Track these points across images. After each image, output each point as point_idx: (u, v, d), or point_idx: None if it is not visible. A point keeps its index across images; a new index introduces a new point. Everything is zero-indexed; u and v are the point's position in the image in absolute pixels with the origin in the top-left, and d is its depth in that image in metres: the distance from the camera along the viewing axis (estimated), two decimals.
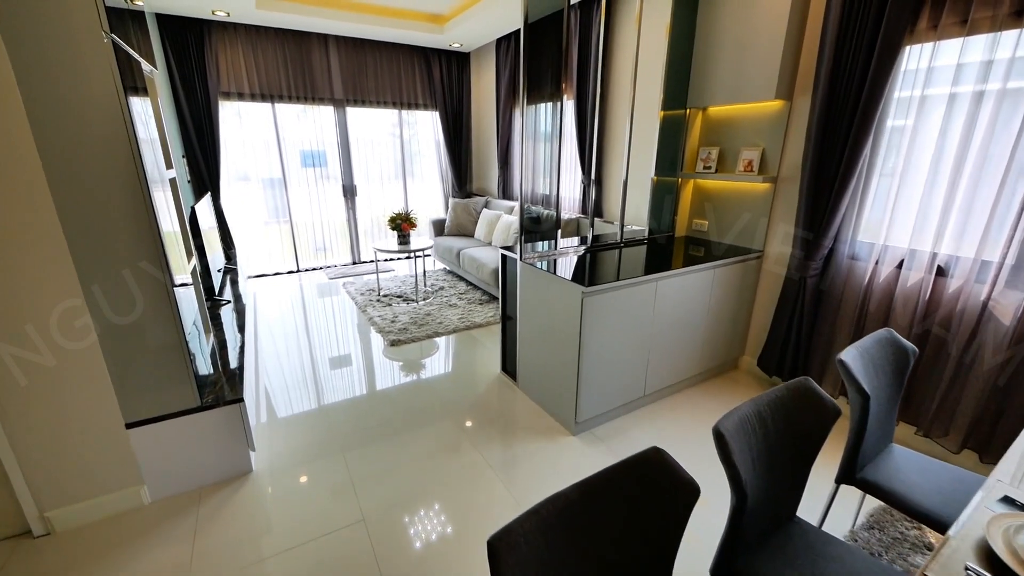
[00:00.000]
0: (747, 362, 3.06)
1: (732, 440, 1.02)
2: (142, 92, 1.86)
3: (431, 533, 1.79)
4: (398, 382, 2.94)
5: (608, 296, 2.19)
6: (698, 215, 3.22)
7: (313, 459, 2.20)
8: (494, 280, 4.05)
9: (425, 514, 1.88)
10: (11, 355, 1.54)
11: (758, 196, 2.81)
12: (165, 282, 1.72)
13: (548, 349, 2.44)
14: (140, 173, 1.58)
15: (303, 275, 5.37)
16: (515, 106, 5.05)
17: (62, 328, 1.58)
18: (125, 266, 1.64)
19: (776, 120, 2.64)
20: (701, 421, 2.52)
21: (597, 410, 2.40)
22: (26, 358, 1.56)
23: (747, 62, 2.57)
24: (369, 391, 2.83)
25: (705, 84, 2.84)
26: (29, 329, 1.54)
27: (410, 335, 3.56)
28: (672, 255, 2.76)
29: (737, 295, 2.83)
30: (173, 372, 1.83)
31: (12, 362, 1.55)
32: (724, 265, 2.66)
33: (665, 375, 2.65)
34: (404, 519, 1.85)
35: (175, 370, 1.83)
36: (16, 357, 1.55)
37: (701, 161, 3.03)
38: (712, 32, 2.75)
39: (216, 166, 4.63)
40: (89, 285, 1.60)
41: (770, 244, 2.80)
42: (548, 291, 2.36)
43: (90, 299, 1.60)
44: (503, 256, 2.78)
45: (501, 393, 2.81)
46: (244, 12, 4.15)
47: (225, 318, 2.98)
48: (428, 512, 1.89)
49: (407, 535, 1.78)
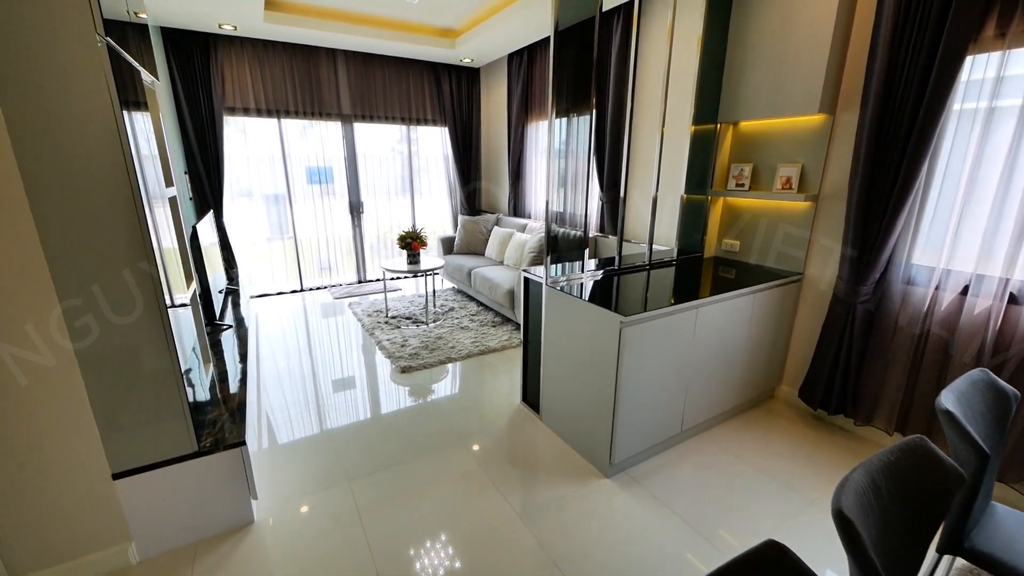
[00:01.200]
0: (785, 392, 2.85)
1: (860, 524, 0.82)
2: (142, 103, 1.69)
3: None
4: (409, 414, 2.72)
5: (648, 326, 2.00)
6: (728, 234, 3.05)
7: (320, 503, 1.98)
8: (508, 301, 3.86)
9: (446, 572, 1.65)
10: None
11: (797, 215, 2.64)
12: (160, 308, 1.52)
13: (577, 382, 2.24)
14: (136, 191, 1.40)
15: (307, 294, 5.18)
16: (528, 121, 4.92)
17: (39, 351, 1.38)
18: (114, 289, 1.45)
19: (817, 135, 2.48)
20: (743, 459, 2.30)
21: (633, 449, 2.18)
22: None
23: (786, 75, 2.43)
24: (378, 423, 2.62)
25: (738, 98, 2.70)
26: None
27: (421, 361, 3.35)
28: (706, 278, 2.58)
29: (776, 321, 2.64)
30: (167, 411, 1.63)
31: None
32: (765, 289, 2.48)
33: (703, 409, 2.44)
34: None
35: (170, 409, 1.63)
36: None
37: (733, 178, 2.87)
38: (746, 45, 2.61)
39: (219, 183, 4.48)
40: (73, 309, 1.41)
41: (811, 266, 2.62)
42: (579, 319, 2.17)
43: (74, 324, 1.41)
44: (526, 279, 2.59)
45: (523, 427, 2.59)
46: (252, 26, 4.04)
47: (226, 345, 2.78)
48: (449, 569, 1.66)
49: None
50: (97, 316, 1.43)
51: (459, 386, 3.06)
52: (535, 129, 4.85)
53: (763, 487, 2.11)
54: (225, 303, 3.62)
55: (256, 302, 4.87)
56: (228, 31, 4.15)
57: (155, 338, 1.52)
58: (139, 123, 1.62)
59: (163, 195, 1.80)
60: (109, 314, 1.44)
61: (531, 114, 4.85)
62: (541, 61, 4.55)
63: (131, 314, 1.47)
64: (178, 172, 3.79)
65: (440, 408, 2.79)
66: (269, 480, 2.16)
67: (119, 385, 1.52)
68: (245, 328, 3.09)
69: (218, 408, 1.99)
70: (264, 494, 2.05)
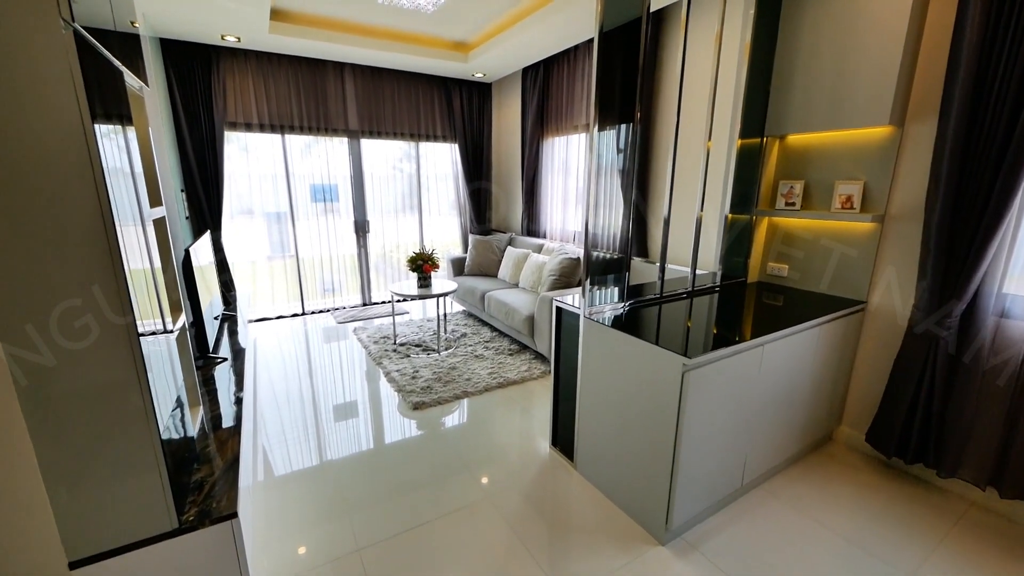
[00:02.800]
0: (845, 434, 2.54)
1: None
2: (124, 110, 1.43)
3: None
4: (423, 460, 2.41)
5: (712, 368, 1.71)
6: (775, 258, 2.78)
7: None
8: (527, 328, 3.57)
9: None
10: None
11: (859, 237, 2.37)
12: (132, 349, 1.23)
13: (623, 429, 1.94)
14: (105, 209, 1.13)
15: (309, 318, 4.89)
16: (543, 137, 4.71)
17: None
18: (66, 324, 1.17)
19: (882, 149, 2.24)
20: (813, 518, 1.99)
21: (692, 510, 1.87)
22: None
23: (849, 83, 2.19)
24: (388, 473, 2.30)
25: (788, 109, 2.46)
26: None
27: (435, 396, 3.04)
28: (760, 308, 2.30)
29: (838, 355, 2.35)
30: (140, 477, 1.32)
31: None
32: (830, 320, 2.19)
33: (764, 458, 2.13)
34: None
35: (143, 474, 1.32)
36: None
37: (782, 197, 2.61)
38: (798, 50, 2.38)
39: (218, 201, 4.23)
40: (15, 352, 1.12)
41: (876, 294, 2.35)
42: (626, 357, 1.88)
43: (16, 367, 1.12)
44: (558, 308, 2.31)
45: (555, 477, 2.28)
46: (256, 38, 3.85)
47: (220, 380, 2.48)
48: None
49: None
50: (51, 353, 1.14)
51: (478, 426, 2.75)
52: (551, 145, 4.64)
53: (844, 555, 1.79)
54: (221, 331, 3.33)
55: (255, 326, 4.58)
56: (231, 43, 3.95)
57: (124, 382, 1.23)
58: (119, 132, 1.36)
59: (145, 216, 1.53)
60: (60, 355, 1.15)
61: (547, 130, 4.63)
62: (558, 75, 4.35)
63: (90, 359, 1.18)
64: (173, 190, 3.54)
65: (459, 453, 2.47)
66: (264, 552, 1.84)
67: (78, 443, 1.22)
68: (242, 361, 2.79)
69: (207, 466, 1.68)
70: (260, 572, 1.73)
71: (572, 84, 4.18)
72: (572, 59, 4.14)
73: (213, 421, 2.05)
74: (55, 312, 1.13)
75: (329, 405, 3.01)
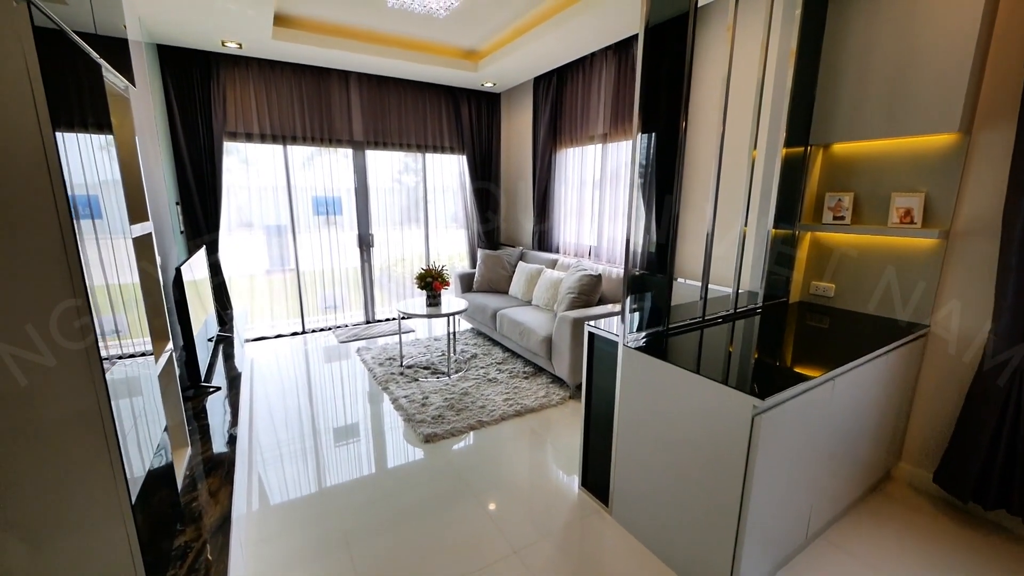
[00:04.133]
0: (906, 472, 2.30)
1: None
2: (99, 110, 1.22)
3: None
4: (439, 502, 2.15)
5: (784, 409, 1.47)
6: (819, 276, 2.56)
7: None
8: (544, 350, 3.33)
9: None
10: None
11: (919, 254, 2.16)
12: (94, 381, 1.00)
13: (674, 474, 1.70)
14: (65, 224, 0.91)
15: (309, 337, 4.64)
16: (556, 148, 4.52)
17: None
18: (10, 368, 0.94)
19: (946, 158, 2.03)
20: (880, 571, 1.74)
21: (758, 571, 1.62)
22: None
23: (910, 89, 2.00)
24: (396, 512, 2.05)
25: (836, 116, 2.27)
26: None
27: (448, 426, 2.79)
28: (814, 333, 2.07)
29: (900, 385, 2.12)
30: (104, 554, 1.07)
31: None
32: (896, 348, 1.97)
33: (828, 507, 1.89)
34: None
35: (107, 550, 1.07)
36: None
37: (829, 210, 2.40)
38: (849, 56, 2.20)
39: (216, 215, 4.02)
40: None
41: (940, 317, 2.12)
42: (680, 394, 1.64)
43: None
44: (591, 334, 2.08)
45: (588, 524, 2.02)
46: (258, 44, 3.67)
47: (213, 414, 2.24)
48: None
49: None
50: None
51: (497, 461, 2.50)
52: (564, 156, 4.45)
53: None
54: (215, 354, 3.09)
55: (253, 346, 4.32)
56: (232, 49, 3.77)
57: (81, 418, 1.00)
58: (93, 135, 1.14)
59: (126, 232, 1.30)
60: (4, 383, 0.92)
61: (561, 141, 4.45)
62: (572, 84, 4.18)
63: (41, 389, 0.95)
64: (168, 203, 3.32)
65: (476, 492, 2.22)
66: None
67: (23, 492, 0.98)
68: (238, 389, 2.55)
69: (193, 527, 1.43)
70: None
71: (588, 93, 4.01)
72: (588, 67, 3.97)
73: (204, 463, 1.80)
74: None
75: (331, 438, 2.75)
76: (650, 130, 1.75)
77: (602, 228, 4.02)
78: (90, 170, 1.07)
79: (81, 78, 1.10)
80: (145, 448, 1.23)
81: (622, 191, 3.78)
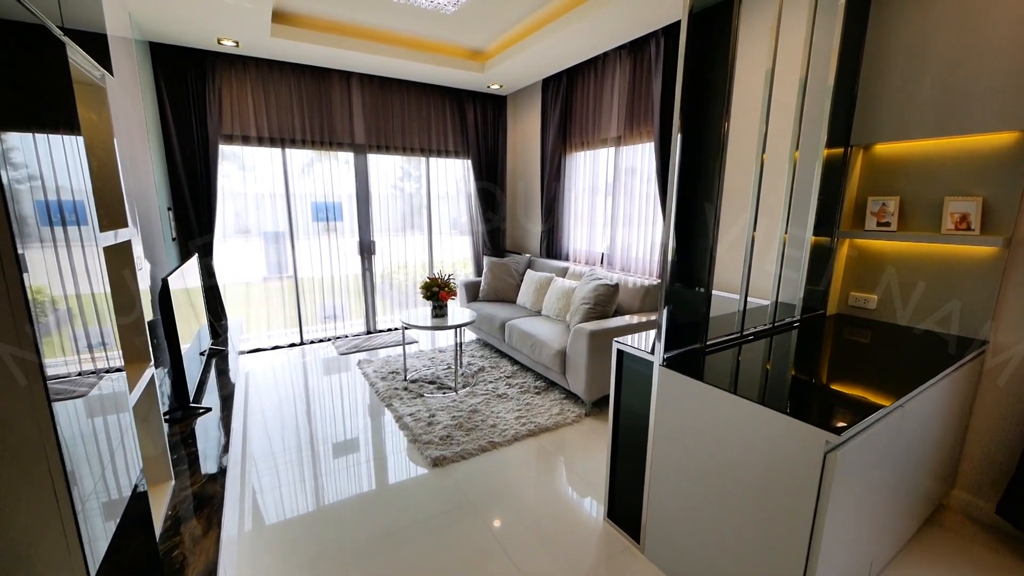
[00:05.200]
0: (961, 500, 2.11)
1: None
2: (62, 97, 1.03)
3: None
4: (450, 536, 1.94)
5: (858, 442, 1.28)
6: (856, 286, 2.38)
7: None
8: (558, 364, 3.14)
9: None
10: None
11: (975, 264, 1.98)
12: (44, 445, 0.81)
13: (722, 513, 1.50)
14: None
15: (308, 348, 4.44)
16: (566, 152, 4.36)
17: None
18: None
19: (1005, 159, 1.86)
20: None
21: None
22: None
23: (969, 85, 1.83)
24: (401, 544, 1.84)
25: (880, 114, 2.10)
26: None
27: (458, 448, 2.59)
28: (866, 350, 1.89)
29: (958, 407, 1.93)
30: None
31: None
32: (959, 368, 1.78)
33: (890, 544, 1.69)
34: None
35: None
36: None
37: (872, 216, 2.22)
38: (896, 52, 2.03)
39: (210, 221, 3.83)
40: None
41: (1001, 334, 1.94)
42: (732, 424, 1.45)
43: None
44: (620, 352, 1.89)
45: (617, 563, 1.82)
46: (256, 42, 3.50)
47: (202, 438, 2.03)
48: None
49: None
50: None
51: (512, 488, 2.29)
52: (575, 160, 4.28)
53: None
54: (207, 371, 2.88)
55: (248, 358, 4.12)
56: (228, 48, 3.60)
57: (15, 452, 0.80)
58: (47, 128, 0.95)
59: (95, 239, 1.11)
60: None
61: (571, 144, 4.28)
62: (583, 85, 4.02)
63: None
64: (158, 208, 3.13)
65: (491, 526, 2.01)
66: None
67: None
68: (231, 409, 2.35)
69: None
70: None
71: (600, 94, 3.85)
72: (600, 68, 3.81)
73: (192, 498, 1.60)
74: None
75: (332, 466, 2.55)
76: (689, 130, 1.57)
77: (615, 235, 3.84)
78: (43, 165, 0.88)
79: (25, 53, 0.91)
80: (114, 487, 1.04)
81: (638, 196, 3.61)
